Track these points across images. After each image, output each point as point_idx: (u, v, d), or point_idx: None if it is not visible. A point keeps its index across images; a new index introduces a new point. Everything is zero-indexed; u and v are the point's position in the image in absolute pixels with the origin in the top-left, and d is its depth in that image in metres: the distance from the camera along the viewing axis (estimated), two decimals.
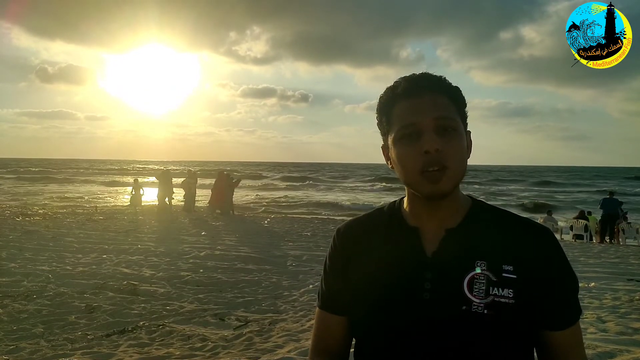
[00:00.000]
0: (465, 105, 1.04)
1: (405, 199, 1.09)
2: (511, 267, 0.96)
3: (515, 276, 0.95)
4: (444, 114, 0.97)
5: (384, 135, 1.06)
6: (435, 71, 1.03)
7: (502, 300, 0.94)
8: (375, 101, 1.08)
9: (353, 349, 1.12)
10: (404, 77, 1.03)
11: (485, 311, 0.93)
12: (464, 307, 0.94)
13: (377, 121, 1.08)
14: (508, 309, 0.93)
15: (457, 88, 1.03)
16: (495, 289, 0.94)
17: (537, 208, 25.03)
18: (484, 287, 0.94)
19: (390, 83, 1.04)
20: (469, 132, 1.05)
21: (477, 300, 0.94)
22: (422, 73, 1.03)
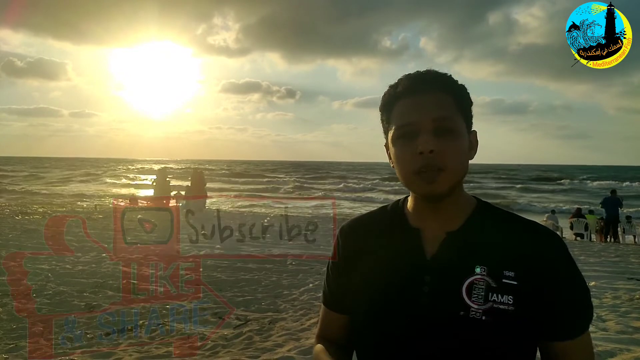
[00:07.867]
0: (470, 104, 1.01)
1: (410, 198, 1.07)
2: (512, 273, 0.92)
3: (516, 282, 0.92)
4: (443, 115, 0.94)
5: (385, 133, 1.04)
6: (421, 62, 0.99)
7: (501, 307, 0.91)
8: (363, 98, 1.06)
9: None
10: (407, 74, 1.00)
11: (484, 317, 0.90)
12: (461, 313, 0.91)
13: (380, 119, 1.06)
14: (507, 316, 0.91)
15: (462, 86, 1.00)
16: (495, 295, 0.91)
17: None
18: (482, 293, 0.92)
19: (372, 72, 1.01)
20: (474, 131, 1.02)
21: (475, 306, 0.91)
22: (426, 70, 1.00)
